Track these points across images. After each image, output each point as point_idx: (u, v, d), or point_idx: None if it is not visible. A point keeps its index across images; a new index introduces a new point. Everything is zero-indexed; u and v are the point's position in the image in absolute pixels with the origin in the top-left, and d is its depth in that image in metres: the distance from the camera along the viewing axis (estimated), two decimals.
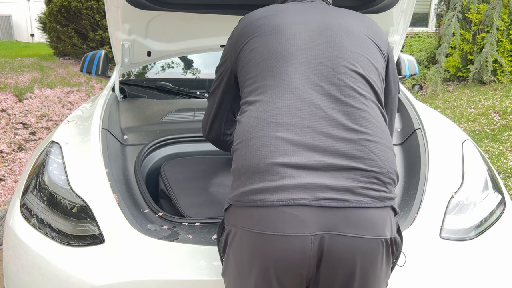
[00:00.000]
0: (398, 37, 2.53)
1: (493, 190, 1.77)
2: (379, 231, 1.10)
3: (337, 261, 1.09)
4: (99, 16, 9.37)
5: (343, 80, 1.23)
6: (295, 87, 1.21)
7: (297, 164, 1.11)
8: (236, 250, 1.16)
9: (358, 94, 1.22)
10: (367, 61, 1.30)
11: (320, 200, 1.08)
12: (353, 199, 1.09)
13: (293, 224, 1.07)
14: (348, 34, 1.32)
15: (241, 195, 1.14)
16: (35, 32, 17.80)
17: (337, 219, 1.08)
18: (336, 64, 1.25)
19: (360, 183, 1.11)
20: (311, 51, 1.27)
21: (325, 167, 1.11)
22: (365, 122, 1.19)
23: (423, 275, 1.46)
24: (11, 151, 4.36)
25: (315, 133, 1.15)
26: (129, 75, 3.27)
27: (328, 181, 1.10)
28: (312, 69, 1.24)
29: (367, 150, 1.15)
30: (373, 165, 1.14)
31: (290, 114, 1.17)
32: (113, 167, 1.76)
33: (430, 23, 11.69)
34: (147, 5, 2.19)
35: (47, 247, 1.53)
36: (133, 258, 1.47)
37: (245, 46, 1.35)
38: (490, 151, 4.50)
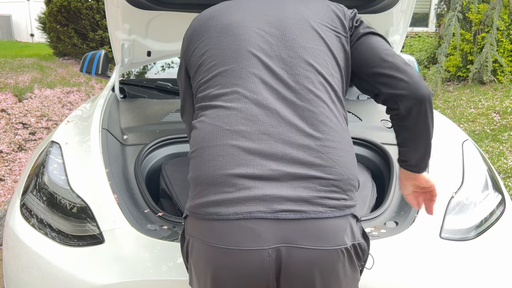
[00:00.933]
0: (398, 37, 2.53)
1: (493, 190, 1.77)
2: (338, 241, 1.07)
3: (296, 274, 1.07)
4: (99, 16, 9.37)
5: (298, 82, 1.17)
6: (250, 92, 1.15)
7: (253, 175, 1.07)
8: (195, 261, 1.14)
9: (315, 96, 1.16)
10: (323, 55, 1.23)
11: (276, 212, 1.05)
12: (311, 209, 1.06)
13: (250, 238, 1.04)
14: (300, 27, 1.24)
15: (196, 207, 1.11)
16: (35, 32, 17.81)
17: (294, 231, 1.05)
18: (290, 65, 1.19)
19: (318, 192, 1.08)
20: (263, 52, 1.21)
21: (283, 177, 1.08)
22: (323, 126, 1.14)
23: (423, 275, 1.46)
24: (11, 151, 4.36)
25: (272, 141, 1.10)
26: (129, 75, 3.28)
27: (285, 191, 1.06)
28: (266, 72, 1.18)
29: (326, 157, 1.11)
30: (332, 173, 1.10)
31: (245, 120, 1.12)
32: (113, 167, 1.76)
33: (430, 23, 11.69)
34: (147, 5, 2.19)
35: (47, 247, 1.53)
36: (133, 258, 1.46)
37: (196, 49, 1.29)
38: (490, 151, 4.50)
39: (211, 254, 1.08)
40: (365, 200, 1.82)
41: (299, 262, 1.06)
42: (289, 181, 1.08)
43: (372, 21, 2.43)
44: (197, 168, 1.13)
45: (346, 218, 1.10)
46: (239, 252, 1.05)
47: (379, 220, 1.63)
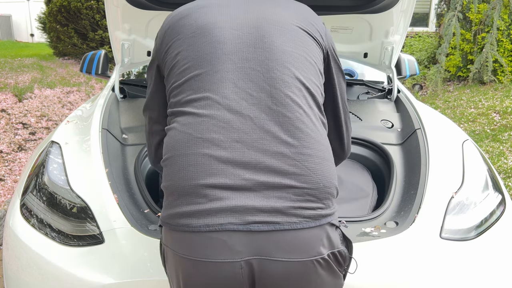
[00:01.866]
0: (398, 37, 2.53)
1: (494, 190, 1.77)
2: (312, 251, 1.05)
3: (271, 286, 1.05)
4: (99, 16, 9.37)
5: (274, 86, 1.12)
6: (223, 97, 1.11)
7: (225, 185, 1.04)
8: (170, 270, 1.13)
9: (292, 101, 1.11)
10: (302, 59, 1.18)
11: (249, 224, 1.02)
12: (285, 220, 1.03)
13: (221, 250, 1.02)
14: (279, 29, 1.19)
15: (168, 217, 1.09)
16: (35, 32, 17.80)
17: (267, 243, 1.03)
18: (267, 68, 1.14)
19: (293, 202, 1.04)
20: (238, 55, 1.15)
21: (256, 186, 1.04)
22: (299, 133, 1.09)
23: (423, 275, 1.46)
24: (11, 151, 4.36)
25: (245, 148, 1.06)
26: (129, 75, 3.27)
27: (259, 202, 1.03)
28: (240, 76, 1.13)
29: (301, 165, 1.06)
30: (307, 181, 1.06)
31: (217, 128, 1.08)
32: (113, 167, 1.76)
33: (431, 23, 11.69)
34: (147, 5, 2.19)
35: (47, 247, 1.53)
36: (133, 258, 1.46)
37: (170, 49, 1.23)
38: (490, 151, 4.50)
39: (183, 265, 1.07)
40: (366, 200, 1.82)
41: (273, 275, 1.04)
42: (263, 191, 1.04)
43: (372, 21, 2.43)
44: (169, 177, 1.10)
45: (322, 228, 1.07)
46: (211, 264, 1.03)
47: (379, 220, 1.63)
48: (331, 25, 2.50)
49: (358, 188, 1.88)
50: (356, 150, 2.09)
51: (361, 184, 1.91)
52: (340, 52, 2.77)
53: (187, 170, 1.06)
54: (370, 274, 1.44)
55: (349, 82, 3.00)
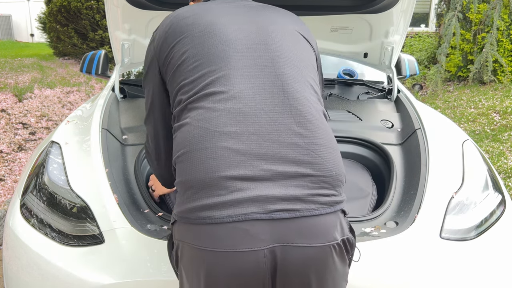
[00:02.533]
0: (398, 37, 2.53)
1: (494, 190, 1.77)
2: (330, 237, 1.09)
3: (292, 272, 1.08)
4: (99, 16, 9.37)
5: (285, 81, 1.18)
6: (238, 92, 1.15)
7: (245, 176, 1.07)
8: (187, 267, 1.13)
9: (301, 95, 1.18)
10: (306, 60, 1.28)
11: (271, 212, 1.05)
12: (304, 207, 1.07)
13: (245, 240, 1.04)
14: (284, 32, 1.28)
15: (187, 211, 1.09)
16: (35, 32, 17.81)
17: (289, 230, 1.06)
18: (278, 65, 1.20)
19: (310, 189, 1.09)
20: (250, 52, 1.21)
21: (274, 176, 1.08)
22: (310, 124, 1.15)
23: (423, 275, 1.46)
24: (11, 151, 4.36)
25: (261, 140, 1.10)
26: (129, 75, 3.27)
27: (278, 191, 1.07)
28: (253, 72, 1.18)
29: (314, 154, 1.12)
30: (321, 169, 1.11)
31: (234, 121, 1.11)
32: (113, 167, 1.76)
33: (431, 23, 11.69)
34: (147, 5, 2.19)
35: (47, 247, 1.53)
36: (133, 258, 1.46)
37: (174, 48, 1.24)
38: (491, 151, 4.50)
39: (204, 258, 1.07)
40: (366, 200, 1.82)
41: (295, 260, 1.07)
42: (281, 180, 1.08)
43: (372, 21, 2.43)
44: (186, 172, 1.11)
45: (336, 214, 1.12)
46: (235, 254, 1.04)
47: (379, 220, 1.63)
48: (331, 25, 2.50)
49: (357, 188, 1.88)
50: (356, 150, 2.09)
51: (361, 183, 1.91)
52: (340, 52, 2.78)
53: (206, 163, 1.08)
54: (370, 274, 1.44)
55: (349, 82, 3.00)
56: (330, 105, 2.49)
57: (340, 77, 3.12)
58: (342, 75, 3.15)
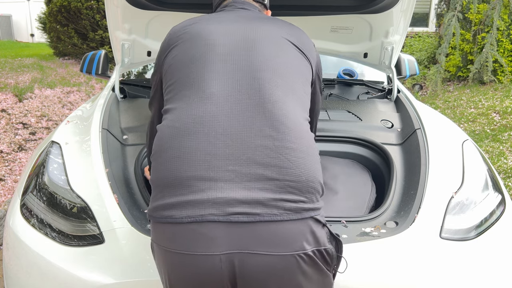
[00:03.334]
0: (398, 37, 2.53)
1: (493, 190, 1.77)
2: (294, 246, 1.04)
3: (252, 281, 1.04)
4: (99, 16, 9.37)
5: (263, 84, 1.17)
6: (212, 94, 1.15)
7: (208, 177, 1.06)
8: (157, 264, 1.15)
9: (279, 99, 1.17)
10: (292, 67, 1.26)
11: (229, 215, 1.03)
12: (265, 212, 1.03)
13: (202, 243, 1.03)
14: (272, 41, 1.28)
15: (153, 210, 1.10)
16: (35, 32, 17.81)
17: (247, 235, 1.03)
18: (256, 69, 1.20)
19: (274, 194, 1.05)
20: (230, 56, 1.22)
21: (238, 178, 1.06)
22: (283, 128, 1.12)
23: (423, 275, 1.46)
24: (11, 151, 4.36)
25: (229, 141, 1.09)
26: (129, 75, 3.27)
27: (240, 193, 1.04)
28: (230, 75, 1.19)
29: (283, 158, 1.09)
30: (288, 174, 1.08)
31: (203, 121, 1.12)
32: (113, 167, 1.76)
33: (430, 23, 11.69)
34: (147, 5, 2.19)
35: (47, 247, 1.53)
36: (133, 258, 1.46)
37: (168, 54, 1.31)
38: (490, 151, 4.50)
39: (165, 258, 1.08)
40: (364, 200, 1.82)
41: (254, 269, 1.03)
42: (245, 182, 1.06)
43: (372, 21, 2.43)
44: (155, 171, 1.12)
45: (304, 222, 1.07)
46: (191, 257, 1.04)
47: (379, 220, 1.63)
48: (331, 25, 2.50)
49: (356, 187, 1.88)
50: (356, 150, 2.09)
51: (360, 183, 1.91)
52: (340, 52, 2.78)
53: (171, 163, 1.09)
54: (370, 274, 1.44)
55: (349, 82, 3.00)
56: (330, 105, 2.50)
57: (340, 77, 3.12)
58: (342, 75, 3.15)
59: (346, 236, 1.50)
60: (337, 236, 1.17)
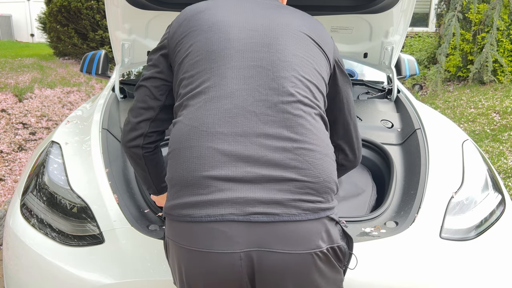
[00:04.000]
0: (398, 37, 2.54)
1: (493, 190, 1.77)
2: (311, 244, 1.06)
3: (270, 278, 1.06)
4: (99, 16, 9.37)
5: (282, 84, 1.16)
6: (231, 92, 1.14)
7: (228, 177, 1.07)
8: (172, 262, 1.16)
9: (297, 100, 1.16)
10: (310, 66, 1.23)
11: (249, 215, 1.04)
12: (284, 212, 1.05)
13: (221, 241, 1.04)
14: (293, 36, 1.25)
15: (171, 208, 1.11)
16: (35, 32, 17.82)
17: (266, 235, 1.04)
18: (277, 68, 1.18)
19: (293, 194, 1.07)
20: (251, 53, 1.20)
21: (257, 179, 1.07)
22: (301, 129, 1.13)
23: (423, 275, 1.46)
24: (11, 151, 4.36)
25: (248, 142, 1.09)
26: (129, 75, 3.28)
27: (259, 194, 1.06)
28: (250, 73, 1.17)
29: (302, 159, 1.09)
30: (307, 175, 1.09)
31: (222, 122, 1.11)
32: (113, 167, 1.76)
33: (430, 23, 11.69)
34: (147, 5, 2.19)
35: (47, 247, 1.53)
36: (133, 258, 1.47)
37: (184, 39, 1.26)
38: (490, 151, 4.50)
39: (183, 256, 1.09)
40: (365, 200, 1.82)
41: (272, 266, 1.05)
42: (264, 183, 1.07)
43: (372, 21, 2.43)
44: (173, 169, 1.13)
45: (321, 221, 1.09)
46: (211, 254, 1.05)
47: (379, 220, 1.63)
48: (331, 25, 2.50)
49: (356, 187, 1.89)
50: None
51: (361, 183, 1.91)
52: (340, 52, 2.77)
53: (191, 162, 1.09)
54: (370, 274, 1.44)
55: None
56: None
57: None
58: None
59: None
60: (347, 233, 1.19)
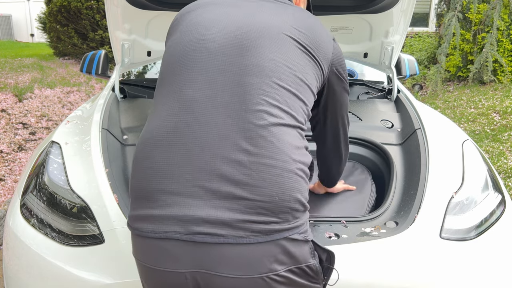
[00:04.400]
0: (398, 37, 2.54)
1: (493, 190, 1.77)
2: (262, 268, 0.98)
3: None
4: (99, 16, 9.37)
5: (249, 92, 1.05)
6: (191, 99, 1.06)
7: (176, 191, 1.00)
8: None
9: (263, 109, 1.04)
10: (289, 72, 1.11)
11: (193, 234, 0.98)
12: (230, 234, 0.97)
13: (166, 259, 1.00)
14: (275, 39, 1.12)
15: (128, 218, 1.09)
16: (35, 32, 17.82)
17: (211, 256, 0.98)
18: (247, 73, 1.07)
19: (242, 214, 0.98)
20: (222, 56, 1.10)
21: (206, 195, 0.99)
22: (262, 141, 1.02)
23: (423, 275, 1.46)
24: (11, 151, 4.36)
25: (201, 153, 1.01)
26: (129, 75, 3.28)
27: (206, 212, 0.98)
28: (217, 77, 1.08)
29: (256, 176, 0.99)
30: (260, 193, 0.99)
31: (178, 131, 1.04)
32: (113, 167, 1.76)
33: (430, 23, 11.69)
34: (147, 5, 2.19)
35: (47, 247, 1.53)
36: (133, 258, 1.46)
37: (168, 41, 1.23)
38: (490, 151, 4.50)
39: (139, 268, 1.08)
40: (364, 200, 1.82)
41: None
42: (213, 200, 0.99)
43: (372, 21, 2.43)
44: (131, 178, 1.10)
45: (275, 243, 1.00)
46: (159, 272, 1.03)
47: (379, 220, 1.63)
48: (331, 25, 2.50)
49: (357, 188, 1.88)
50: (356, 150, 2.09)
51: (360, 183, 1.91)
52: None
53: (143, 173, 1.06)
54: (370, 274, 1.44)
55: (349, 82, 2.99)
56: None
57: None
58: None
59: (346, 236, 1.50)
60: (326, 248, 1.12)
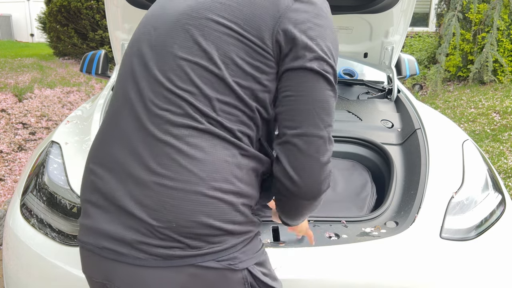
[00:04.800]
0: (398, 37, 2.54)
1: (494, 190, 1.77)
2: None
3: None
4: (99, 16, 9.38)
5: (151, 100, 0.97)
6: (116, 110, 1.03)
7: (95, 203, 1.01)
8: None
9: (167, 121, 0.95)
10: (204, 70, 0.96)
11: (101, 248, 0.98)
12: (130, 253, 0.94)
13: (89, 266, 1.05)
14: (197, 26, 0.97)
15: None
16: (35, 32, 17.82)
17: (115, 274, 0.97)
18: (152, 77, 0.98)
19: (141, 236, 0.93)
20: (141, 59, 1.01)
21: (117, 211, 0.97)
22: (165, 159, 0.93)
23: (423, 275, 1.46)
24: (11, 151, 4.37)
25: (117, 168, 0.98)
26: None
27: (113, 227, 0.96)
28: (136, 86, 1.00)
29: (156, 198, 0.93)
30: (157, 218, 0.93)
31: (102, 144, 1.04)
32: None
33: (431, 23, 11.69)
34: (147, 5, 2.19)
35: (47, 247, 1.53)
36: None
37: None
38: (491, 151, 4.50)
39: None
40: (364, 200, 1.82)
41: None
42: (120, 217, 0.96)
43: (372, 21, 2.43)
44: None
45: (176, 270, 0.94)
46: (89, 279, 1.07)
47: (379, 220, 1.63)
48: None
49: (356, 188, 1.89)
50: (356, 150, 2.09)
51: (360, 183, 1.91)
52: (340, 52, 2.78)
53: (83, 182, 1.09)
54: (370, 274, 1.44)
55: (349, 82, 3.00)
56: None
57: (340, 77, 3.12)
58: (342, 75, 3.15)
59: (346, 236, 1.50)
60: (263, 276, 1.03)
